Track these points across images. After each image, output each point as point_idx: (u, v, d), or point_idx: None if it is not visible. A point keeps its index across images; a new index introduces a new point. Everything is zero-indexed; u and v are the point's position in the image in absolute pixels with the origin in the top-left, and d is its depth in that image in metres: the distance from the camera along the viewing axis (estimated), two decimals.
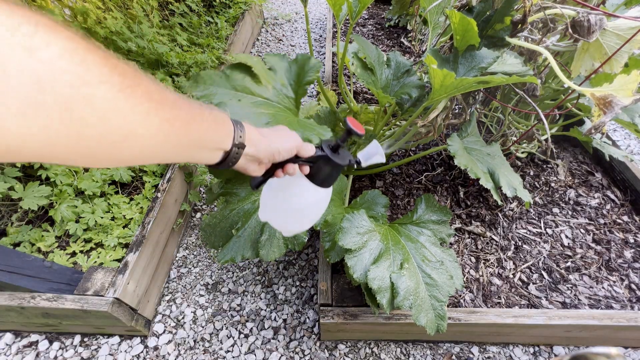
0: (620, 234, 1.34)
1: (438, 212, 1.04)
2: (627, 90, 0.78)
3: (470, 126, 1.16)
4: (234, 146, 0.45)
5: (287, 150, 0.53)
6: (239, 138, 0.45)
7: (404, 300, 0.82)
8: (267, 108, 0.86)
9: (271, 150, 0.51)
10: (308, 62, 0.99)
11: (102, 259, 1.13)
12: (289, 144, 0.53)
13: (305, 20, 1.03)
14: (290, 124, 0.80)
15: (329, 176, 0.60)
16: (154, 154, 0.34)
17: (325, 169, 0.58)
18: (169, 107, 0.34)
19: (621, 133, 2.13)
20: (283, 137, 0.53)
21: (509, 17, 0.98)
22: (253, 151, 0.48)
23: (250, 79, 0.90)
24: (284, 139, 0.53)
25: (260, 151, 0.49)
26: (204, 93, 0.81)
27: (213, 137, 0.42)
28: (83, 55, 0.26)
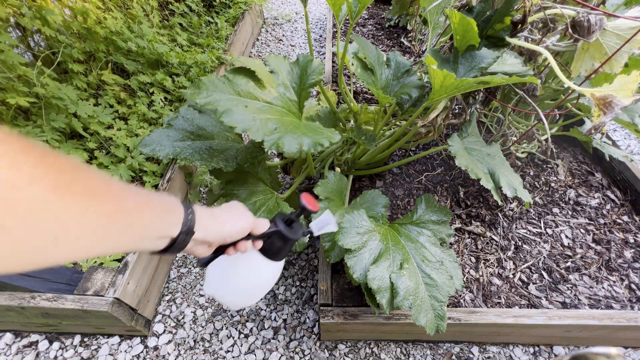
0: (620, 234, 1.34)
1: (438, 212, 1.04)
2: (627, 91, 0.78)
3: (471, 126, 1.16)
4: (182, 233, 0.43)
5: (239, 232, 0.52)
6: (187, 224, 0.44)
7: (404, 300, 0.82)
8: (272, 113, 0.85)
9: (222, 234, 0.50)
10: (310, 64, 0.98)
11: (102, 259, 1.13)
12: (241, 226, 0.52)
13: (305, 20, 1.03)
14: (296, 128, 0.79)
15: (281, 249, 0.61)
16: (90, 250, 0.33)
17: (278, 243, 0.59)
18: (112, 200, 0.33)
19: (621, 133, 2.13)
20: (236, 218, 0.52)
21: (509, 17, 0.98)
22: (202, 236, 0.46)
23: (254, 84, 0.89)
24: (236, 221, 0.52)
25: (209, 235, 0.48)
26: (207, 100, 0.79)
27: (160, 226, 0.41)
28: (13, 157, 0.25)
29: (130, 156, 1.36)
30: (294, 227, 0.60)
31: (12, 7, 1.24)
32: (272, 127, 0.78)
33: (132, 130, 1.45)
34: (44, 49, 1.36)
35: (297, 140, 0.74)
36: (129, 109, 1.53)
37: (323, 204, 0.95)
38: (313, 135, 0.76)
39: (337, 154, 1.36)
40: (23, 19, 1.23)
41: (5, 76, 1.08)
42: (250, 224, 0.54)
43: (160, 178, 1.40)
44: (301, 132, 0.77)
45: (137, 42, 1.63)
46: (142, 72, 1.67)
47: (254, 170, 1.03)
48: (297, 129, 0.78)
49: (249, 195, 0.99)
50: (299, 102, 0.97)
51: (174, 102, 1.70)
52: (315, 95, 2.26)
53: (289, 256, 1.43)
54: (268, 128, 0.77)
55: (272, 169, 1.12)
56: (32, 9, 1.28)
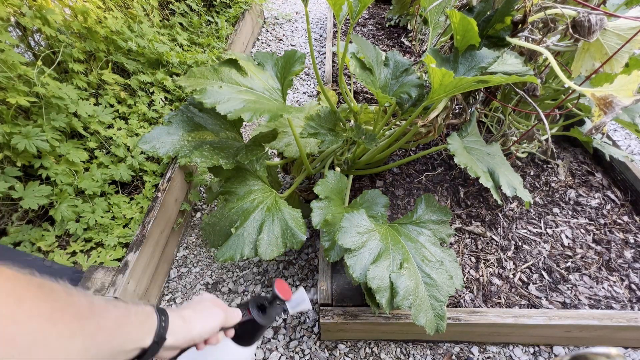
0: (621, 234, 1.34)
1: (438, 212, 1.04)
2: (628, 91, 0.78)
3: (471, 126, 1.16)
4: (154, 343, 0.44)
5: (209, 332, 0.52)
6: (161, 332, 0.45)
7: (403, 300, 0.82)
8: (249, 95, 0.94)
9: (190, 337, 0.50)
10: (294, 55, 1.06)
11: (102, 259, 1.13)
12: (210, 324, 0.52)
13: (305, 19, 1.04)
14: (272, 109, 0.86)
15: (254, 335, 0.61)
16: None
17: (251, 330, 0.60)
18: (96, 319, 0.36)
19: (621, 133, 2.12)
20: (205, 318, 0.52)
21: (509, 17, 0.98)
22: (172, 342, 0.47)
23: (237, 72, 0.99)
24: (205, 321, 0.52)
25: (178, 340, 0.48)
26: (190, 83, 0.89)
27: (136, 338, 0.42)
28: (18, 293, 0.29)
29: (131, 156, 1.37)
30: (268, 312, 0.61)
31: (12, 7, 1.24)
32: (243, 105, 0.86)
33: (133, 129, 1.45)
34: (44, 49, 1.36)
35: (259, 113, 0.82)
36: (129, 108, 1.53)
37: (323, 203, 0.95)
38: (276, 110, 0.85)
39: (337, 153, 1.36)
40: (23, 19, 1.24)
41: (5, 75, 1.08)
42: (221, 321, 0.54)
43: (160, 177, 1.40)
44: (267, 108, 0.85)
45: (138, 42, 1.63)
46: (142, 71, 1.67)
47: (253, 168, 1.03)
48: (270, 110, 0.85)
49: (248, 193, 0.99)
50: (282, 89, 1.05)
51: (174, 102, 1.70)
52: (315, 95, 2.26)
53: (289, 256, 1.43)
54: (239, 105, 0.85)
55: (272, 168, 1.12)
56: (32, 8, 1.28)
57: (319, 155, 1.36)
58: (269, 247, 0.92)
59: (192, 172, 1.58)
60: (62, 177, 1.16)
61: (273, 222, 0.95)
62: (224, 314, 0.55)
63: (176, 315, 0.49)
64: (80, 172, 1.24)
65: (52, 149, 1.15)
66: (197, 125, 0.99)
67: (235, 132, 1.06)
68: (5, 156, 1.08)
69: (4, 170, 1.08)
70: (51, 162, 1.16)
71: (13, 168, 1.09)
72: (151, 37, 1.73)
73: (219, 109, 0.82)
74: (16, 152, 1.09)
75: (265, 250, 0.91)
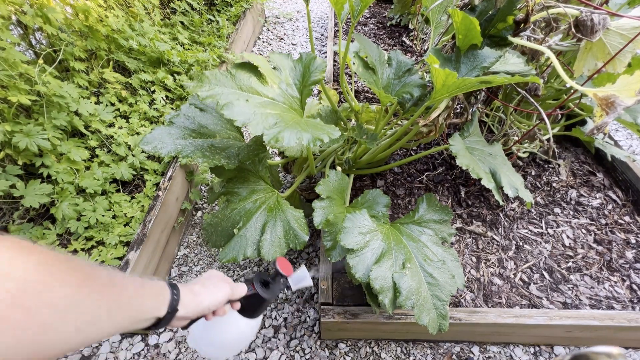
0: (622, 234, 1.34)
1: (439, 212, 1.04)
2: (630, 91, 0.78)
3: (472, 126, 1.16)
4: (168, 313, 0.48)
5: (217, 304, 0.57)
6: (173, 304, 0.49)
7: (407, 300, 0.82)
8: (273, 108, 0.86)
9: (200, 309, 0.54)
10: (313, 62, 0.99)
11: (103, 257, 1.13)
12: (218, 298, 0.56)
13: (307, 18, 1.03)
14: (297, 124, 0.80)
15: (258, 308, 0.66)
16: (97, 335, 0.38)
17: (255, 303, 0.64)
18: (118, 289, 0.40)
19: (623, 133, 2.12)
20: (213, 291, 0.57)
21: (511, 17, 0.98)
22: (183, 313, 0.51)
23: (256, 79, 0.91)
24: (213, 295, 0.56)
25: (189, 312, 0.52)
26: (209, 93, 0.81)
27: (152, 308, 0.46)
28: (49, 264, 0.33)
29: (132, 154, 1.36)
30: (271, 287, 0.66)
31: (14, 5, 1.24)
32: (273, 121, 0.79)
33: (134, 128, 1.45)
34: (45, 47, 1.36)
35: (297, 135, 0.75)
36: (130, 107, 1.53)
37: (324, 203, 0.95)
38: (313, 131, 0.77)
39: (339, 153, 1.35)
40: (25, 17, 1.23)
41: (7, 74, 1.08)
42: (228, 294, 0.58)
43: (161, 176, 1.40)
44: (301, 128, 0.78)
45: (139, 41, 1.63)
46: (143, 70, 1.67)
47: (255, 168, 1.03)
48: (297, 125, 0.79)
49: (250, 193, 0.99)
50: (300, 99, 0.98)
51: (175, 101, 1.70)
52: (316, 94, 2.26)
53: (290, 255, 1.43)
54: (268, 122, 0.78)
55: (273, 167, 1.12)
56: (34, 6, 1.28)
57: (319, 154, 1.36)
58: (272, 248, 0.92)
59: (193, 171, 1.58)
60: (63, 175, 1.16)
61: (275, 222, 0.95)
62: (231, 289, 0.59)
63: (187, 289, 0.53)
64: (81, 171, 1.24)
65: (53, 147, 1.15)
66: (199, 125, 0.98)
67: (236, 131, 1.06)
68: (7, 154, 1.08)
69: (6, 168, 1.08)
70: (52, 161, 1.16)
71: (14, 166, 1.09)
72: (152, 35, 1.73)
73: (252, 131, 0.76)
74: (17, 151, 1.09)
75: (267, 251, 0.91)
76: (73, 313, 0.34)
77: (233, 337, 0.66)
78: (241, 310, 0.64)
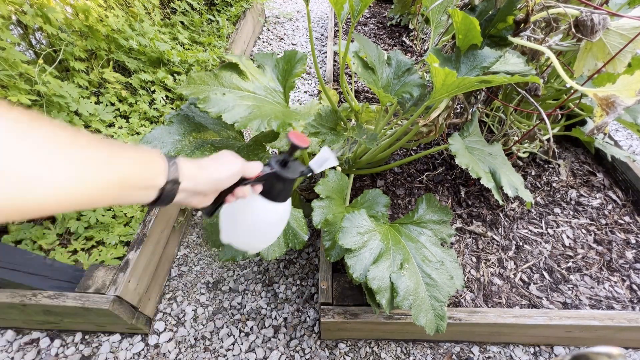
0: (622, 234, 1.34)
1: (439, 212, 1.04)
2: (630, 91, 0.78)
3: (472, 126, 1.16)
4: (168, 183, 0.44)
5: (229, 177, 0.53)
6: (172, 174, 0.44)
7: (404, 300, 0.82)
8: (252, 100, 0.92)
9: (212, 181, 0.51)
10: (295, 56, 1.04)
11: (103, 257, 1.13)
12: (230, 170, 0.53)
13: (307, 18, 1.04)
14: (275, 113, 0.86)
15: (282, 190, 0.61)
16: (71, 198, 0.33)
17: (277, 184, 0.59)
18: (79, 148, 0.33)
19: (623, 133, 2.12)
20: (224, 165, 0.53)
21: (511, 17, 0.98)
22: (191, 185, 0.47)
23: (237, 76, 0.97)
24: (224, 167, 0.53)
25: (199, 184, 0.49)
26: (192, 91, 0.87)
27: (141, 176, 0.41)
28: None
29: None
30: (291, 167, 0.59)
31: (14, 5, 1.24)
32: (248, 111, 0.85)
33: (134, 128, 1.45)
34: (45, 47, 1.36)
35: (266, 121, 0.81)
36: (130, 107, 1.53)
37: (324, 202, 0.95)
38: (284, 117, 0.83)
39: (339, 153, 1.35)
40: (25, 17, 1.23)
41: (7, 74, 1.08)
42: (240, 168, 0.54)
43: None
44: (274, 116, 0.84)
45: (139, 40, 1.63)
46: (143, 70, 1.67)
47: None
48: (271, 113, 0.84)
49: None
50: (284, 92, 1.03)
51: (175, 101, 1.70)
52: (317, 95, 2.26)
53: (289, 255, 1.43)
54: (242, 111, 0.84)
55: None
56: (34, 6, 1.28)
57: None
58: (271, 248, 0.92)
59: None
60: None
61: None
62: (243, 163, 0.55)
63: (190, 163, 0.49)
64: None
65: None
66: (199, 125, 0.98)
67: (236, 131, 1.06)
68: None
69: None
70: None
71: None
72: (152, 35, 1.73)
73: (225, 118, 0.82)
74: None
75: (267, 251, 0.91)
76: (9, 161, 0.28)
77: (262, 220, 0.62)
78: (264, 194, 0.60)
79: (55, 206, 0.32)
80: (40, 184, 0.30)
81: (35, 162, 0.29)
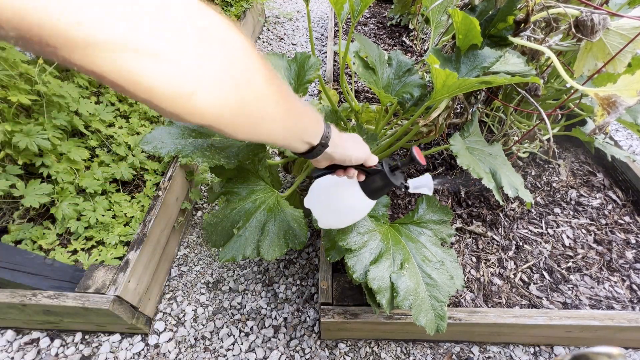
0: (622, 234, 1.34)
1: (439, 212, 1.04)
2: (631, 91, 0.77)
3: (472, 126, 1.15)
4: (320, 144, 0.52)
5: (357, 159, 0.59)
6: (325, 138, 0.52)
7: (404, 300, 0.82)
8: None
9: (346, 155, 0.57)
10: (307, 60, 1.01)
11: (103, 257, 1.13)
12: (360, 154, 0.59)
13: (307, 18, 1.03)
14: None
15: (378, 190, 0.65)
16: (276, 135, 0.43)
17: (378, 183, 0.64)
18: (290, 100, 0.42)
19: (623, 133, 2.12)
20: (358, 146, 0.60)
21: (511, 17, 0.98)
22: (331, 151, 0.54)
23: None
24: (357, 148, 0.59)
25: (336, 153, 0.55)
26: None
27: (311, 131, 0.50)
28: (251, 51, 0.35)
29: (132, 154, 1.37)
30: (396, 174, 0.64)
31: None
32: None
33: (134, 128, 1.45)
34: None
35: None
36: (130, 107, 1.53)
37: None
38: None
39: None
40: None
41: (7, 74, 1.08)
42: (367, 155, 0.60)
43: (161, 176, 1.40)
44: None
45: None
46: None
47: (254, 168, 1.03)
48: None
49: (250, 193, 0.99)
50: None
51: None
52: (316, 94, 2.26)
53: (289, 255, 1.43)
54: None
55: (273, 167, 1.12)
56: None
57: None
58: (271, 248, 0.91)
59: (193, 170, 1.58)
60: (63, 175, 1.17)
61: (275, 222, 0.95)
62: (369, 152, 0.62)
63: (337, 132, 0.56)
64: (82, 171, 1.24)
65: (53, 147, 1.15)
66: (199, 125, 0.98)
67: None
68: (7, 154, 1.08)
69: (6, 168, 1.08)
70: (52, 161, 1.16)
71: (14, 166, 1.09)
72: None
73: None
74: (17, 151, 1.09)
75: (267, 251, 0.91)
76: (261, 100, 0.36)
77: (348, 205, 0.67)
78: (363, 185, 0.65)
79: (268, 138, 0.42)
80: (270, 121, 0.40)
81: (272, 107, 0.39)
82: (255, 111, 0.37)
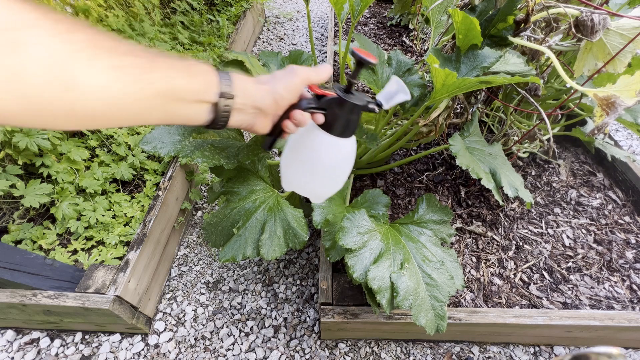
0: (622, 234, 1.34)
1: (439, 212, 1.04)
2: (631, 91, 0.78)
3: (472, 126, 1.16)
4: (221, 97, 0.39)
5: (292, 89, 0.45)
6: (225, 87, 0.40)
7: (404, 300, 0.82)
8: None
9: (273, 95, 0.44)
10: (300, 56, 1.03)
11: (103, 257, 1.13)
12: (293, 80, 0.45)
13: (307, 18, 1.04)
14: None
15: (347, 122, 0.51)
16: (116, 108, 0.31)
17: (341, 114, 0.50)
18: (121, 54, 0.31)
19: (623, 133, 2.12)
20: (286, 76, 0.46)
21: (511, 17, 0.98)
22: (250, 102, 0.42)
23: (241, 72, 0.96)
24: (286, 77, 0.45)
25: (257, 100, 0.43)
26: None
27: (188, 86, 0.37)
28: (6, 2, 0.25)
29: (132, 154, 1.37)
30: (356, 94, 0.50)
31: None
32: None
33: (134, 128, 1.45)
34: None
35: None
36: None
37: (324, 202, 0.95)
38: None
39: None
40: None
41: None
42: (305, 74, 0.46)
43: (161, 176, 1.40)
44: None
45: (139, 40, 1.63)
46: None
47: (254, 168, 1.03)
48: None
49: (249, 193, 0.99)
50: None
51: None
52: None
53: (289, 255, 1.43)
54: None
55: (273, 167, 1.12)
56: None
57: None
58: (271, 248, 0.91)
59: (193, 170, 1.58)
60: (63, 175, 1.17)
61: (275, 222, 0.95)
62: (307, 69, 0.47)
63: (248, 79, 0.44)
64: (81, 171, 1.24)
65: (53, 147, 1.15)
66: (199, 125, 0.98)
67: (236, 131, 1.06)
68: (7, 154, 1.08)
69: (6, 168, 1.08)
70: (52, 161, 1.16)
71: (14, 166, 1.09)
72: (152, 35, 1.73)
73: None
74: (17, 150, 1.09)
75: (267, 251, 0.91)
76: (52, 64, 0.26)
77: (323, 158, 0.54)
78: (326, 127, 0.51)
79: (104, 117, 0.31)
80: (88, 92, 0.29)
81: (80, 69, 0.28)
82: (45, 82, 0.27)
